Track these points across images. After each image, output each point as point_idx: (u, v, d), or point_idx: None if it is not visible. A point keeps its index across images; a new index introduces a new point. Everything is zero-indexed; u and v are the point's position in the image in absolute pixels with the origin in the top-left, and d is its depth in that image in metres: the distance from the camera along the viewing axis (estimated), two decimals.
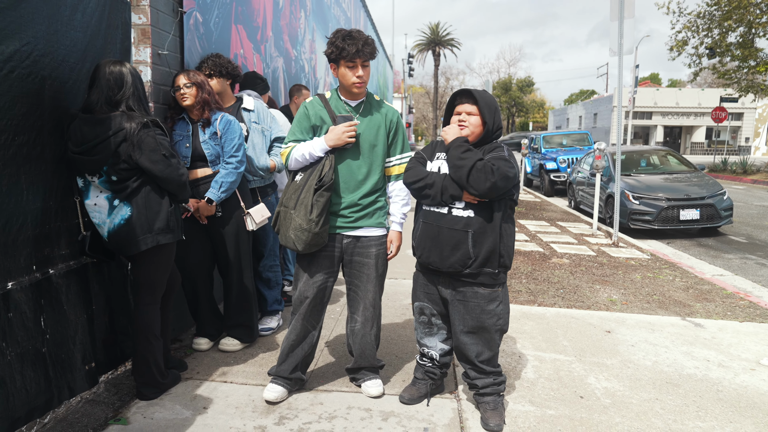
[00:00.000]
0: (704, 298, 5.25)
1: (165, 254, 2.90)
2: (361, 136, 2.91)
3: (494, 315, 2.78)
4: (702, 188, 9.12)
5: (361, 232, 2.97)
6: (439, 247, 2.73)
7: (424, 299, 2.94)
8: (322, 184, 2.78)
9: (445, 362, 3.03)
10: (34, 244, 2.55)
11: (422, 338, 3.03)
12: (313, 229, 2.77)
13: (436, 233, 2.74)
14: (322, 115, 2.94)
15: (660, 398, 3.17)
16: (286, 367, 3.03)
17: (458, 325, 2.82)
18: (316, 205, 2.77)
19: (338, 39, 2.80)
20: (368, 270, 2.99)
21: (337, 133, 2.82)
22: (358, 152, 2.93)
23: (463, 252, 2.68)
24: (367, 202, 2.96)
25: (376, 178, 2.98)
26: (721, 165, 22.95)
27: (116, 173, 2.69)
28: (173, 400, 2.99)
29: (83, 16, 2.85)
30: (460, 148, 2.67)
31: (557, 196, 14.99)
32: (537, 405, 3.06)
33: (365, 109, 2.98)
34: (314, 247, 2.85)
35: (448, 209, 2.73)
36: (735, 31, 20.15)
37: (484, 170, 2.56)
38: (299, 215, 2.79)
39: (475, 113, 2.76)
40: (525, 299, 5.11)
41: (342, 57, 2.80)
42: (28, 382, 2.47)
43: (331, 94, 3.00)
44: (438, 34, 65.56)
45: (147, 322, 2.89)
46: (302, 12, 7.27)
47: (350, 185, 2.93)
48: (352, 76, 2.84)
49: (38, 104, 2.56)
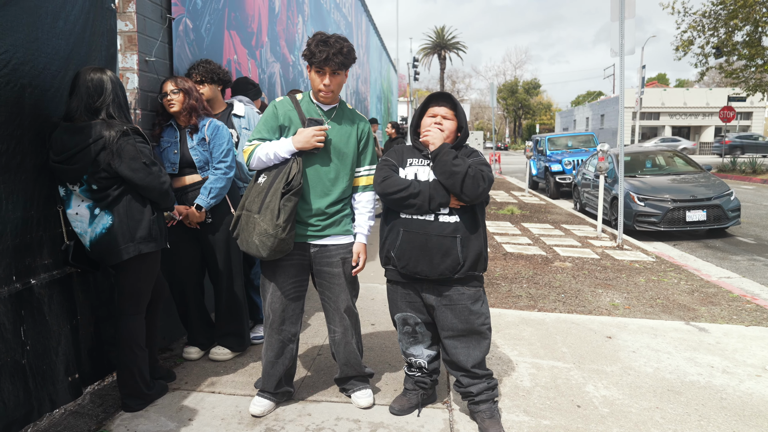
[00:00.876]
0: (710, 302, 5.14)
1: (148, 263, 2.84)
2: (331, 142, 2.83)
3: (480, 314, 2.77)
4: (708, 189, 8.99)
5: (327, 240, 2.88)
6: (428, 255, 2.66)
7: (407, 309, 2.87)
8: (290, 188, 2.69)
9: (434, 368, 2.97)
10: (13, 254, 2.50)
11: (407, 348, 2.96)
12: (280, 234, 2.67)
13: (423, 242, 2.67)
14: (291, 116, 2.85)
15: (661, 407, 3.08)
16: (269, 383, 2.96)
17: (447, 331, 2.77)
18: (284, 209, 2.67)
19: (313, 43, 2.74)
20: (338, 279, 2.91)
21: (306, 136, 2.73)
22: (328, 159, 2.84)
23: (453, 258, 2.65)
24: (334, 210, 2.88)
25: (343, 186, 2.90)
26: (729, 165, 22.71)
27: (96, 182, 2.64)
28: (158, 411, 2.93)
29: (66, 23, 2.81)
30: (450, 154, 2.63)
31: (563, 199, 14.87)
32: (532, 415, 2.97)
33: (337, 115, 2.91)
34: (279, 253, 2.75)
35: (435, 216, 2.68)
36: (741, 30, 19.97)
37: (476, 177, 2.59)
38: (265, 220, 2.68)
39: (452, 118, 2.74)
40: (525, 304, 5.02)
41: (312, 62, 2.75)
42: (6, 395, 2.42)
43: (303, 96, 2.93)
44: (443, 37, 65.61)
45: (131, 332, 2.84)
46: (300, 17, 7.23)
47: (318, 192, 2.84)
48: (320, 83, 2.77)
49: (18, 112, 2.52)
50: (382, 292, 4.74)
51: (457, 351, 2.77)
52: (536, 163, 16.93)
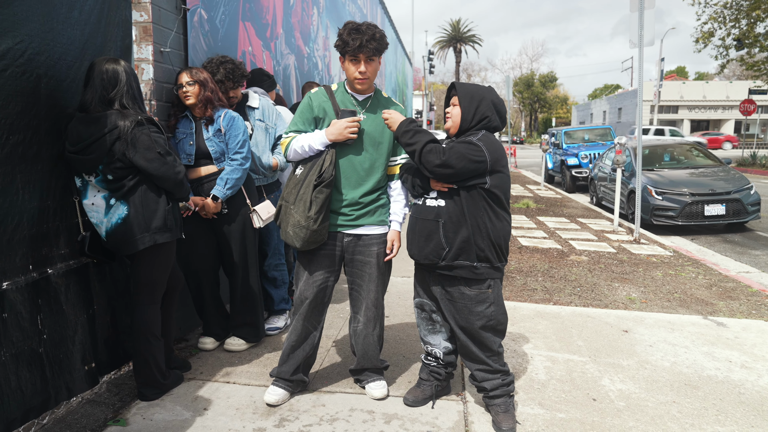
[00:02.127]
0: (728, 296, 5.06)
1: (164, 253, 2.85)
2: (365, 132, 2.83)
3: (483, 317, 2.67)
4: (728, 183, 8.84)
5: (362, 230, 2.89)
6: (415, 238, 2.71)
7: (423, 295, 2.88)
8: (321, 180, 2.71)
9: (449, 361, 2.94)
10: (30, 243, 2.52)
11: (425, 335, 2.95)
12: (311, 226, 2.70)
13: (413, 224, 2.73)
14: (325, 107, 2.86)
15: (677, 401, 3.04)
16: (287, 368, 2.97)
17: (452, 324, 2.76)
18: (315, 201, 2.69)
19: (345, 32, 2.74)
20: (370, 269, 2.91)
21: (339, 128, 2.74)
22: (362, 148, 2.84)
23: (436, 242, 2.62)
24: (369, 200, 2.88)
25: (378, 176, 2.90)
26: (750, 159, 22.32)
27: (112, 172, 2.65)
28: (174, 401, 2.95)
29: (81, 13, 2.82)
30: (407, 133, 2.65)
31: (579, 192, 14.72)
32: (547, 408, 2.95)
33: (372, 105, 2.91)
34: (313, 244, 2.78)
35: (423, 200, 2.70)
36: (764, 22, 19.58)
37: (435, 150, 2.54)
38: (298, 211, 2.72)
39: (456, 103, 2.74)
40: (540, 298, 4.98)
41: (346, 51, 2.75)
42: (24, 383, 2.44)
43: (338, 87, 2.93)
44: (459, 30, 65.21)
45: (147, 322, 2.86)
46: (315, 9, 7.21)
47: (352, 182, 2.84)
48: (355, 70, 2.77)
49: (34, 103, 2.54)
50: (397, 284, 4.74)
51: (467, 345, 2.74)
52: (552, 156, 16.77)
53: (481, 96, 2.69)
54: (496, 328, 2.71)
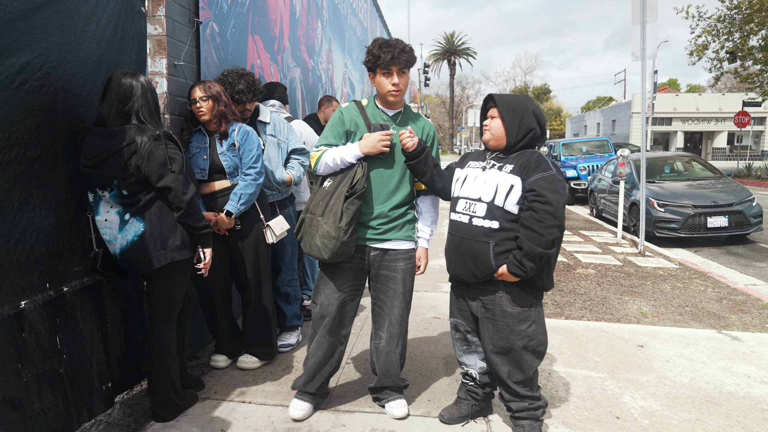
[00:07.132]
0: (739, 310, 5.03)
1: (180, 271, 2.79)
2: (396, 146, 2.81)
3: (525, 336, 2.57)
4: (729, 194, 8.86)
5: (389, 245, 2.85)
6: (462, 258, 2.61)
7: (458, 315, 2.81)
8: (354, 191, 2.68)
9: (486, 382, 2.84)
10: (47, 261, 2.46)
11: (461, 356, 2.88)
12: (342, 237, 2.66)
13: (458, 243, 2.64)
14: (357, 121, 2.85)
15: (701, 418, 2.99)
16: (314, 384, 2.94)
17: (487, 344, 2.65)
18: (347, 212, 2.66)
19: (375, 47, 2.74)
20: (395, 285, 2.87)
21: (372, 141, 2.73)
22: (392, 162, 2.83)
23: (485, 263, 2.53)
24: (397, 215, 2.85)
25: (407, 191, 2.88)
26: (745, 170, 22.46)
27: (126, 187, 2.59)
28: (190, 422, 2.88)
29: (97, 27, 2.78)
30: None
31: (578, 204, 14.74)
32: (571, 427, 2.89)
33: (402, 119, 2.90)
34: (341, 256, 2.73)
35: (469, 219, 2.60)
36: (757, 35, 19.78)
37: (546, 223, 2.41)
38: (328, 222, 2.68)
39: (496, 116, 2.65)
40: (551, 312, 4.94)
41: (378, 65, 2.74)
42: (47, 405, 2.37)
43: (368, 102, 2.92)
44: (453, 43, 65.65)
45: (163, 341, 2.79)
46: (319, 22, 7.21)
47: (381, 196, 2.82)
48: (388, 83, 2.76)
49: (51, 117, 2.49)
50: (414, 298, 4.64)
51: (497, 366, 2.65)
52: None
53: (523, 107, 2.61)
54: (537, 350, 2.61)
